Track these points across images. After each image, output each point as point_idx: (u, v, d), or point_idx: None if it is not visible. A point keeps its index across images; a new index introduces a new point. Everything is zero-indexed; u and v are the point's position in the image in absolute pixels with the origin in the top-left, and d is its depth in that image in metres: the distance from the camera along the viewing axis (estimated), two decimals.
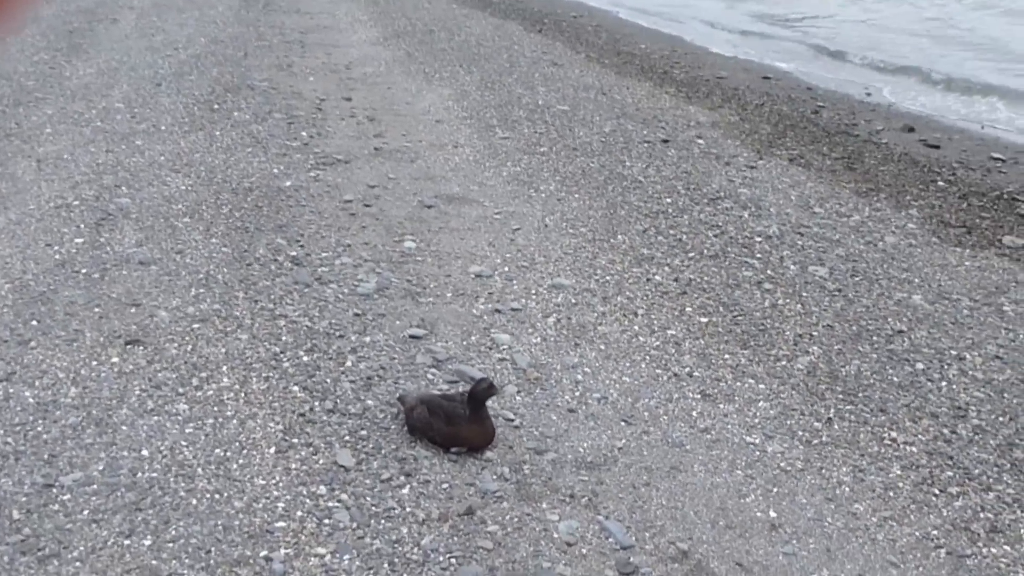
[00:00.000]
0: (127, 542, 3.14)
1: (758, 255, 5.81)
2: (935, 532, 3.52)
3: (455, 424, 3.71)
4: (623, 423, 4.03)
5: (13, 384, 3.95)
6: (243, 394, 4.01)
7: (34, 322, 4.44)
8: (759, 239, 6.06)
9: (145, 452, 3.58)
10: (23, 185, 6.05)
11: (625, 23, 15.31)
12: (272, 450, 3.66)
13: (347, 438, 3.77)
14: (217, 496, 3.38)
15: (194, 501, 3.35)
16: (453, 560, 3.17)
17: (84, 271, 4.96)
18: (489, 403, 3.77)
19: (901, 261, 5.88)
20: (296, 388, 4.08)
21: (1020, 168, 8.17)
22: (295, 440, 3.73)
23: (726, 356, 4.64)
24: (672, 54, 12.50)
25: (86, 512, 3.26)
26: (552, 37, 12.82)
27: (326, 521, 3.31)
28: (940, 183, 7.54)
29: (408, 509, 3.40)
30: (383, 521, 3.33)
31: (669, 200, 6.65)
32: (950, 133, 9.39)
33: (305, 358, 4.31)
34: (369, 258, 5.37)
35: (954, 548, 3.45)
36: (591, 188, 6.81)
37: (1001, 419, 4.27)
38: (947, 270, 5.80)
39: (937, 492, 3.74)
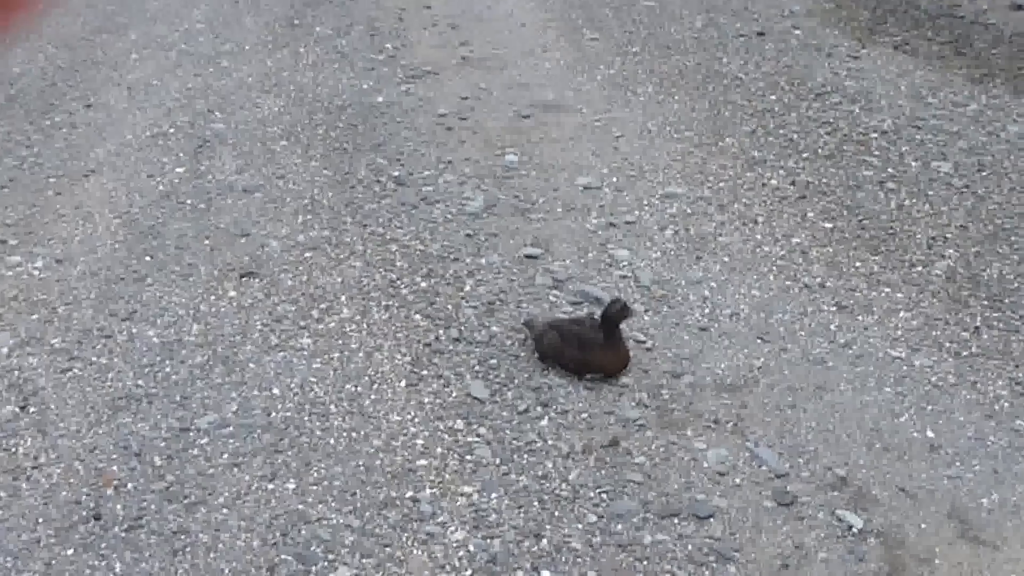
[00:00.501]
0: (271, 486, 3.09)
1: (876, 152, 5.53)
2: None
3: (588, 349, 3.57)
4: (759, 340, 3.87)
5: (136, 323, 3.90)
6: (365, 324, 3.92)
7: (147, 257, 4.38)
8: (875, 135, 5.76)
9: (276, 390, 3.52)
10: (117, 115, 5.96)
11: None
12: (403, 383, 3.57)
13: (477, 368, 3.66)
14: (354, 435, 3.31)
15: (331, 440, 3.28)
16: (604, 495, 3.06)
17: (190, 202, 4.87)
18: (621, 325, 3.62)
19: None
20: (418, 316, 3.98)
21: None
22: (424, 372, 3.63)
23: (857, 264, 4.42)
24: None
25: (225, 456, 3.21)
26: None
27: (468, 457, 3.22)
28: None
29: (550, 442, 3.29)
30: (526, 456, 3.23)
31: (774, 97, 6.36)
32: None
33: (423, 284, 4.20)
34: (472, 174, 5.22)
35: None
36: (690, 88, 6.53)
37: None
38: None
39: None
